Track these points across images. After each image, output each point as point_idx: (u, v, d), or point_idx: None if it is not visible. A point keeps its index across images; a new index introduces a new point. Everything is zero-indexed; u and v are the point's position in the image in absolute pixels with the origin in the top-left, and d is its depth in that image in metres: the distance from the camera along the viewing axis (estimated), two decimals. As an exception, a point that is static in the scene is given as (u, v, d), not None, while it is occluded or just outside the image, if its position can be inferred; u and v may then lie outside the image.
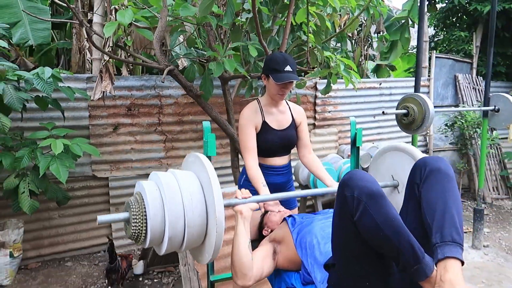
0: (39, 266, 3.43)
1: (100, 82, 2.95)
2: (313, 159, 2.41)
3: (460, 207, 1.45)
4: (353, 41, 6.46)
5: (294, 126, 2.35)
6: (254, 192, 2.33)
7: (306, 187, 4.13)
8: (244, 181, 2.40)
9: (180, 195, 1.38)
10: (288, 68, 2.13)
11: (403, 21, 5.47)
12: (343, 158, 4.36)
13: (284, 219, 2.01)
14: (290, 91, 3.58)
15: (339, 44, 5.44)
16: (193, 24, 3.01)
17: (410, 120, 3.01)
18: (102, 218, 1.29)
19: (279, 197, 1.81)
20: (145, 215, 1.34)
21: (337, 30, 4.37)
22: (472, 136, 5.36)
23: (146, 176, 3.73)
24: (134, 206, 1.36)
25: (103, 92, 2.98)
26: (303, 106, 4.46)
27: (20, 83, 2.96)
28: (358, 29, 6.34)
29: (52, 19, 3.37)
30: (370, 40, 6.84)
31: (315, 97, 4.53)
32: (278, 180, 2.34)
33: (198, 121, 3.90)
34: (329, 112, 4.65)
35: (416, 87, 3.12)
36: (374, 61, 6.58)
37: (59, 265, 3.41)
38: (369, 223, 1.34)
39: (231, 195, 2.91)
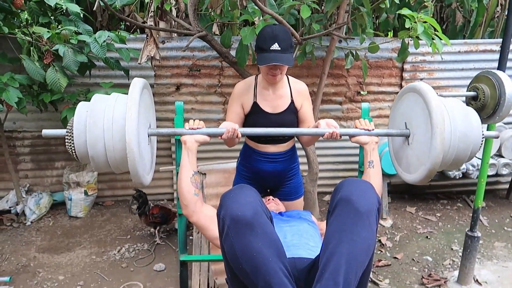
0: (113, 204, 3.99)
1: (146, 46, 3.05)
2: None
3: (357, 255, 1.10)
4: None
5: (293, 109, 2.06)
6: (247, 175, 2.20)
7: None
8: (239, 164, 2.28)
9: (103, 120, 1.53)
10: (275, 46, 1.82)
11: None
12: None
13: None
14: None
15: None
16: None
17: (479, 106, 2.34)
18: (46, 132, 1.61)
19: (230, 129, 1.74)
20: (73, 135, 1.54)
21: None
22: None
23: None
24: (69, 125, 1.57)
25: (150, 56, 3.09)
26: (387, 71, 3.86)
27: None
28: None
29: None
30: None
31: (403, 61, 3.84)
32: (272, 167, 2.13)
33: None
34: (422, 79, 3.91)
35: (501, 62, 2.36)
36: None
37: (126, 207, 3.90)
38: (230, 250, 1.15)
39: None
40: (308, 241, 1.50)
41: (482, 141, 1.72)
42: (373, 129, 1.81)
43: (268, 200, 2.05)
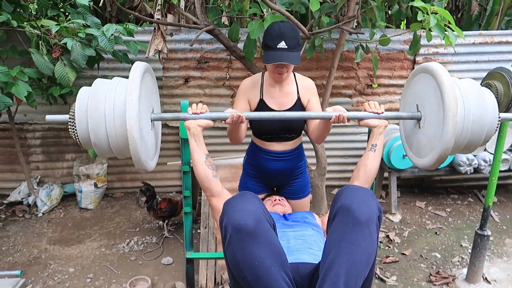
0: (122, 196, 4.03)
1: (154, 40, 3.04)
2: None
3: (357, 265, 1.09)
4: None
5: (300, 106, 2.04)
6: (254, 174, 2.19)
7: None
8: (245, 163, 2.27)
9: (104, 105, 1.50)
10: (282, 44, 1.79)
11: None
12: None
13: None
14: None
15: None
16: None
17: (492, 103, 2.27)
18: (49, 117, 1.60)
19: (235, 114, 1.70)
20: (74, 120, 1.53)
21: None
22: None
23: (212, 128, 3.84)
24: (72, 111, 1.55)
25: (157, 50, 3.07)
26: (398, 64, 3.78)
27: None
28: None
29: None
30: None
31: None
32: (278, 166, 2.11)
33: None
34: (434, 72, 3.82)
35: (516, 57, 2.29)
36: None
37: (135, 199, 3.93)
38: (232, 258, 1.15)
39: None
40: (312, 246, 1.49)
41: (498, 124, 1.64)
42: (382, 112, 1.74)
43: (275, 201, 2.03)
